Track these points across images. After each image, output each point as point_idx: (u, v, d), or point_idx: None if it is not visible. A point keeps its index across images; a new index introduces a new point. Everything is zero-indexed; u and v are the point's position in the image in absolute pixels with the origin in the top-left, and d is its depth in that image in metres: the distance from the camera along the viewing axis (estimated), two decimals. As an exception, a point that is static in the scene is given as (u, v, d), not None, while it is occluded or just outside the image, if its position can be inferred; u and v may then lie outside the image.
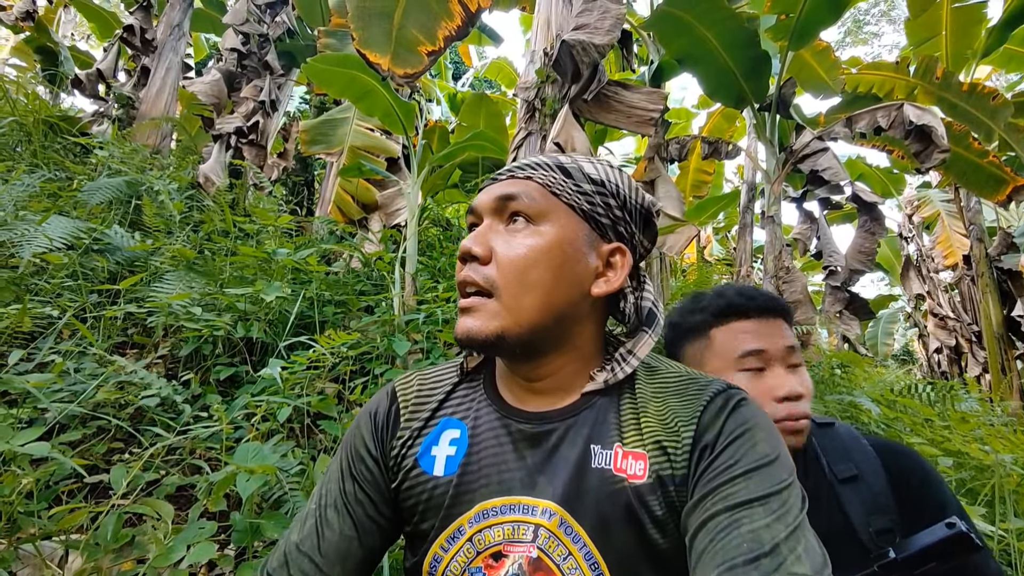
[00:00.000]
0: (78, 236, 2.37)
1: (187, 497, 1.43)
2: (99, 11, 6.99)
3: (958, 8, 5.42)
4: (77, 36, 11.45)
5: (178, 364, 2.07)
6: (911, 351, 13.87)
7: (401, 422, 0.71)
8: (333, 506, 0.68)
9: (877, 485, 0.85)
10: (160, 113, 5.15)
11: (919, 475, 0.86)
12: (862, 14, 18.19)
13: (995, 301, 6.34)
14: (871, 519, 0.82)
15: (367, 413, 0.74)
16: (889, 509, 0.83)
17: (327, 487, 0.70)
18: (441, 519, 0.64)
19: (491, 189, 0.68)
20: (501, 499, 0.62)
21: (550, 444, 0.64)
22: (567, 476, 0.61)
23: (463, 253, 0.65)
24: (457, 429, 0.68)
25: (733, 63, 4.32)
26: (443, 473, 0.66)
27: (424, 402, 0.72)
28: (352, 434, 0.73)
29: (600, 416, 0.64)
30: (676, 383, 0.65)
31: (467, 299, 0.63)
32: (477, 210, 0.69)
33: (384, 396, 0.75)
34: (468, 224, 0.71)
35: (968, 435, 2.59)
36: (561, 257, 0.63)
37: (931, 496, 0.83)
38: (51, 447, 1.01)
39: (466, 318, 0.63)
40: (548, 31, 2.98)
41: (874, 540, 0.80)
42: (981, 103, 5.04)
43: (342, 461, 0.71)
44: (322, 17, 5.28)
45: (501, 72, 9.41)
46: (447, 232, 5.02)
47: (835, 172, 4.15)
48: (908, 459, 0.88)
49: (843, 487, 0.86)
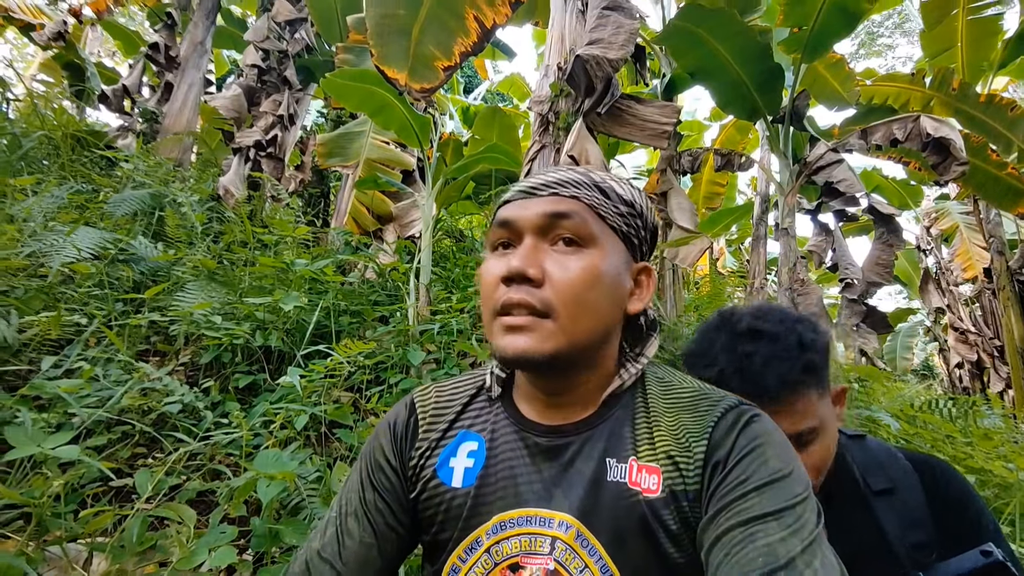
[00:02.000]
0: (104, 246, 2.44)
1: (207, 503, 1.46)
2: (124, 30, 7.25)
3: (973, 20, 5.39)
4: (103, 53, 11.83)
5: (198, 372, 2.12)
6: (931, 366, 13.58)
7: (420, 433, 0.72)
8: (353, 515, 0.69)
9: (913, 499, 0.83)
10: (183, 127, 5.30)
11: (957, 492, 0.84)
12: (876, 26, 18.12)
13: (1017, 315, 6.21)
14: (907, 532, 0.81)
15: (386, 424, 0.75)
16: (926, 523, 0.81)
17: (347, 496, 0.71)
18: (459, 530, 0.65)
19: (532, 205, 0.65)
20: (518, 511, 0.63)
21: (567, 457, 0.64)
22: (583, 489, 0.62)
23: (514, 274, 0.61)
24: (475, 441, 0.69)
25: (746, 76, 4.34)
26: (461, 485, 0.67)
27: (442, 413, 0.73)
28: (372, 444, 0.75)
29: (615, 429, 0.65)
30: (688, 398, 0.66)
31: (521, 318, 0.61)
32: (516, 226, 0.65)
33: (403, 407, 0.76)
34: (498, 239, 0.67)
35: (991, 452, 2.53)
36: (611, 280, 0.64)
37: (969, 515, 0.82)
38: (79, 451, 1.04)
39: (518, 337, 0.61)
40: (562, 46, 3.03)
41: (910, 554, 0.79)
42: (999, 114, 4.99)
43: (362, 471, 0.73)
44: (340, 33, 5.40)
45: (513, 86, 9.53)
46: (460, 243, 5.06)
47: (850, 184, 4.12)
48: (947, 475, 0.86)
49: (878, 499, 0.84)
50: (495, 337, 0.63)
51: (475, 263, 4.09)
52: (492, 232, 0.68)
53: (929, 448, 2.59)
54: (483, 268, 0.68)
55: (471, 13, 2.42)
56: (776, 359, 0.81)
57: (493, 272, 0.64)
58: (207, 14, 5.83)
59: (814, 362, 0.82)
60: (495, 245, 0.68)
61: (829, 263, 4.81)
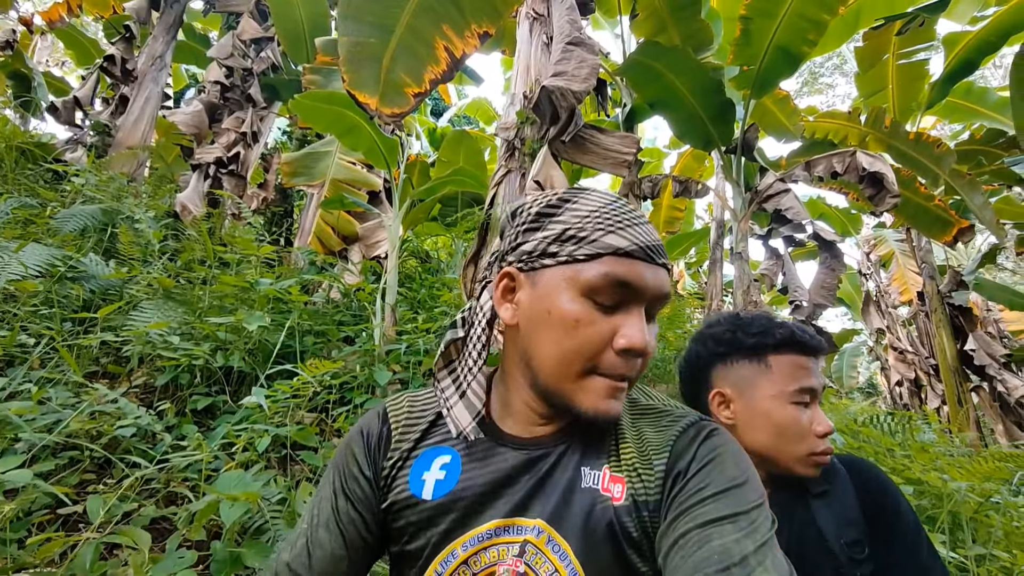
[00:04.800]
0: (53, 264, 2.34)
1: (162, 529, 1.40)
2: (79, 38, 7.01)
3: (903, 64, 5.89)
4: (51, 62, 11.36)
5: (153, 394, 2.04)
6: (875, 383, 14.30)
7: (392, 443, 0.72)
8: (324, 526, 0.68)
9: (847, 500, 0.92)
10: (137, 142, 5.14)
11: (878, 487, 0.93)
12: (817, 67, 19.54)
13: (949, 336, 6.66)
14: (842, 531, 0.88)
15: (358, 433, 0.75)
16: (858, 521, 0.89)
17: (319, 507, 0.70)
18: (433, 544, 0.65)
19: (657, 277, 0.63)
20: (495, 522, 0.64)
21: (544, 468, 0.66)
22: (558, 496, 0.64)
23: (643, 350, 0.61)
24: (448, 455, 0.70)
25: (701, 109, 4.60)
26: (431, 497, 0.67)
27: (414, 424, 0.74)
28: (343, 454, 0.74)
29: (590, 439, 0.68)
30: (652, 414, 0.70)
31: (623, 383, 0.63)
32: (639, 293, 0.62)
33: (375, 417, 0.76)
34: (606, 294, 0.62)
35: (928, 465, 2.69)
36: None
37: (888, 504, 0.91)
38: (31, 475, 1.00)
39: (615, 402, 0.63)
40: (528, 75, 3.15)
41: (845, 552, 0.86)
42: (927, 151, 5.44)
43: (334, 481, 0.72)
44: (308, 54, 5.41)
45: (480, 110, 9.72)
46: (426, 264, 5.07)
47: (797, 212, 4.40)
48: (869, 471, 0.96)
49: (816, 501, 0.93)
50: (590, 394, 0.63)
51: (441, 284, 4.10)
52: (597, 280, 0.61)
53: (872, 461, 2.73)
54: (570, 310, 0.62)
55: (441, 43, 2.50)
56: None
57: (602, 333, 0.62)
58: (168, 28, 5.73)
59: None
60: (593, 293, 0.62)
61: (780, 286, 5.07)
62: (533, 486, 0.65)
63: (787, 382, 0.93)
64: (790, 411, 0.92)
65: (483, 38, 2.62)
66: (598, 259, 0.62)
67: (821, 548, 0.87)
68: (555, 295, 0.63)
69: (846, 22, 5.48)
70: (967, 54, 5.64)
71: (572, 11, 3.09)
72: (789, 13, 4.24)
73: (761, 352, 0.96)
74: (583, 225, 0.63)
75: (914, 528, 0.88)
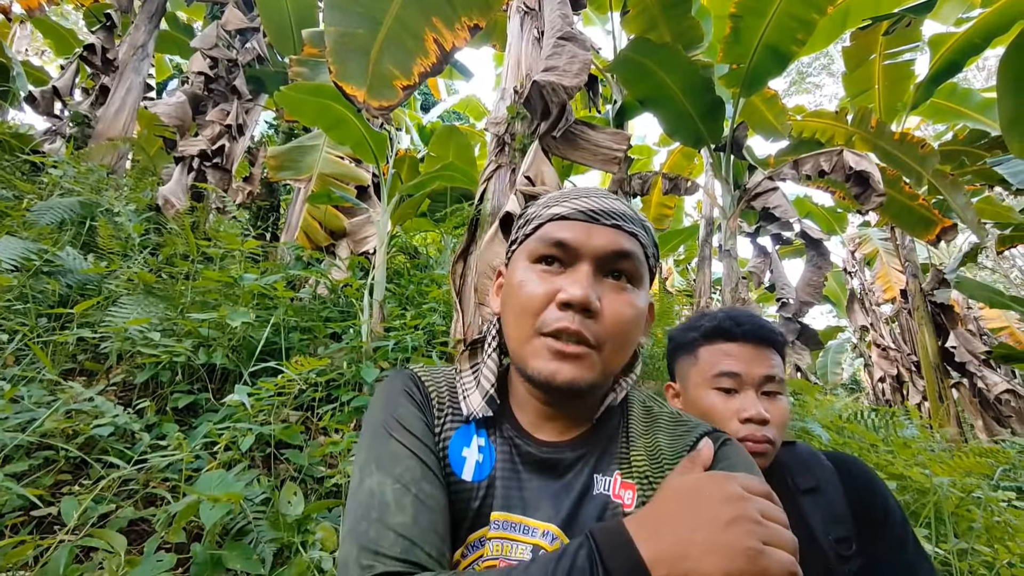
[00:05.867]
0: (28, 257, 2.27)
1: (140, 532, 1.37)
2: (57, 28, 6.83)
3: (889, 65, 5.96)
4: (31, 51, 11.09)
5: (132, 392, 1.99)
6: (859, 380, 14.54)
7: (433, 405, 0.70)
8: (424, 479, 0.62)
9: (835, 496, 0.92)
10: (118, 133, 5.02)
11: (866, 484, 0.94)
12: (805, 66, 19.73)
13: (930, 333, 6.78)
14: (829, 527, 0.89)
15: (401, 392, 0.70)
16: (846, 518, 0.90)
17: (404, 464, 0.63)
18: (465, 528, 0.64)
19: (597, 234, 0.65)
20: (505, 514, 0.64)
21: (559, 471, 0.67)
22: (571, 502, 0.64)
23: (581, 304, 0.61)
24: (483, 438, 0.69)
25: (691, 106, 4.61)
26: (472, 479, 0.66)
27: (444, 397, 0.72)
28: (395, 411, 0.67)
29: (606, 446, 0.69)
30: (666, 423, 0.71)
31: (573, 347, 0.61)
32: (576, 251, 0.64)
33: (407, 379, 0.72)
34: (546, 254, 0.66)
35: (910, 460, 2.73)
36: (643, 317, 0.67)
37: (877, 502, 0.91)
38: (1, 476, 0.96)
39: (570, 365, 0.61)
40: (519, 70, 3.12)
41: (832, 547, 0.86)
42: (911, 151, 5.51)
43: (402, 438, 0.65)
44: (294, 46, 5.32)
45: (469, 105, 9.66)
46: (415, 260, 5.03)
47: (784, 210, 4.43)
48: (857, 468, 0.97)
49: (805, 498, 0.93)
50: (537, 357, 0.62)
51: (430, 280, 4.07)
52: (538, 244, 0.66)
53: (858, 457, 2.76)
54: (520, 277, 0.66)
55: (431, 36, 2.46)
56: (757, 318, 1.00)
57: (540, 290, 0.63)
58: (150, 17, 5.60)
59: (783, 335, 1.02)
60: (538, 258, 0.66)
61: (767, 283, 5.12)
62: (547, 487, 0.66)
63: (708, 368, 0.96)
64: (711, 397, 0.95)
65: (473, 31, 2.58)
66: (540, 228, 0.68)
67: (809, 545, 0.87)
68: (513, 272, 0.69)
69: (834, 22, 5.52)
70: (952, 55, 5.72)
71: (564, 6, 3.07)
72: (779, 12, 4.26)
73: (693, 345, 1.01)
74: (537, 211, 0.70)
75: (901, 524, 0.88)
